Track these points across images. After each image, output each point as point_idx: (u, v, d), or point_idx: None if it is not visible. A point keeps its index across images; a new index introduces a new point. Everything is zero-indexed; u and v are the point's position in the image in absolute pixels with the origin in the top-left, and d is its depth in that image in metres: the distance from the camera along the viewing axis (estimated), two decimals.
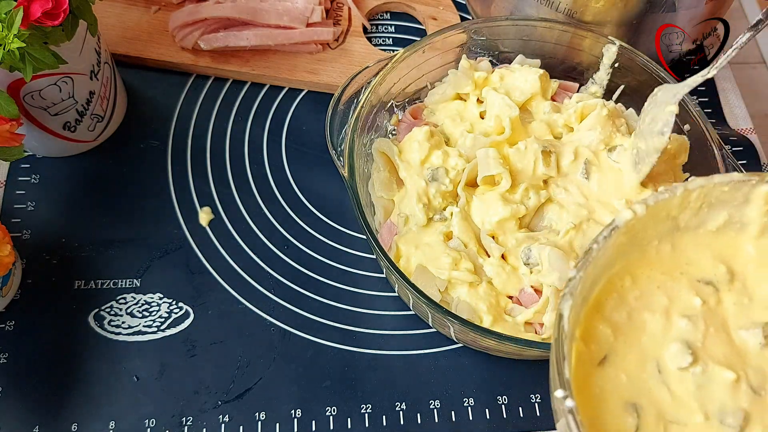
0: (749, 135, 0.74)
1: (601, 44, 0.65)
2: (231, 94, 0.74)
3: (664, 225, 0.43)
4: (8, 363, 0.59)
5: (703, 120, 0.61)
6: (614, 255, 0.41)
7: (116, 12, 0.76)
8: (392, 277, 0.56)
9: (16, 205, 0.66)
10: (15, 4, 0.51)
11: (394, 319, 0.62)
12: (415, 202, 0.59)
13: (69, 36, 0.57)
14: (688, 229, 0.44)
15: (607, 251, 0.40)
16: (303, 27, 0.74)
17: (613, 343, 0.40)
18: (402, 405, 0.59)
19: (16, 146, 0.56)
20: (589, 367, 0.39)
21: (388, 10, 0.81)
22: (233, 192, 0.68)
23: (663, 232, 0.43)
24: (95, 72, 0.64)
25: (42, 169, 0.68)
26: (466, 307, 0.55)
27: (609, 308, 0.41)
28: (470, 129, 0.63)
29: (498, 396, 0.59)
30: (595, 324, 0.40)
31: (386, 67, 0.62)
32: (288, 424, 0.58)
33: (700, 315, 0.41)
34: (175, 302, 0.62)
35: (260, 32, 0.73)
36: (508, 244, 0.58)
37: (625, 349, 0.40)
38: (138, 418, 0.57)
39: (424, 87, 0.68)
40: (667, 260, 0.43)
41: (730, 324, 0.41)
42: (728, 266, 0.43)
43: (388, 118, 0.66)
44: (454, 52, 0.67)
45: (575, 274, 0.38)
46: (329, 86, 0.73)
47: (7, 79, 0.57)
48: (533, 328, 0.56)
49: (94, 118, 0.67)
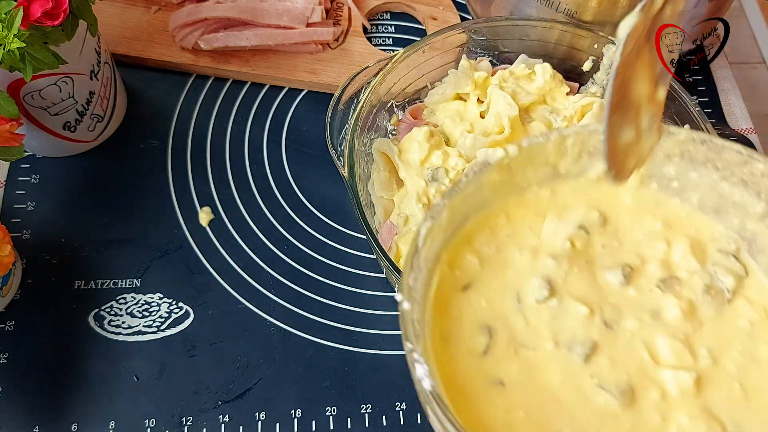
0: (749, 135, 0.74)
1: (601, 44, 0.65)
2: (231, 94, 0.74)
3: (544, 170, 0.45)
4: (8, 363, 0.59)
5: (703, 120, 0.61)
6: (489, 193, 0.44)
7: (116, 12, 0.76)
8: (392, 277, 0.56)
9: (16, 205, 0.66)
10: (15, 4, 0.51)
11: (394, 319, 0.62)
12: (415, 202, 0.59)
13: (69, 36, 0.57)
14: (569, 176, 0.46)
15: (480, 188, 0.43)
16: (303, 27, 0.74)
17: (480, 272, 0.42)
18: (402, 405, 0.59)
19: (16, 146, 0.56)
20: (453, 290, 0.42)
21: (388, 10, 0.81)
22: (233, 192, 0.68)
23: (543, 177, 0.45)
24: (95, 72, 0.64)
25: (42, 169, 0.68)
26: None
27: (479, 241, 0.43)
28: (470, 129, 0.63)
29: None
30: (463, 253, 0.43)
31: (386, 67, 0.62)
32: (288, 424, 0.58)
33: (566, 255, 0.43)
34: (175, 302, 0.62)
35: (260, 32, 0.73)
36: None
37: (490, 278, 0.42)
38: (138, 418, 0.57)
39: (424, 87, 0.68)
40: (545, 204, 0.45)
41: (596, 264, 0.43)
42: (602, 213, 0.45)
43: (388, 118, 0.66)
44: (454, 52, 0.67)
45: (440, 200, 0.40)
46: (329, 86, 0.74)
47: (7, 79, 0.57)
48: None
49: (94, 118, 0.67)
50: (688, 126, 0.62)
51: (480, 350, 0.40)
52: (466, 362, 0.39)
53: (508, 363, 0.39)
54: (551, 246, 0.43)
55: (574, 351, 0.40)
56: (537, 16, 0.68)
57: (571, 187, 0.46)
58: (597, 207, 0.45)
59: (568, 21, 0.67)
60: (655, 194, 0.46)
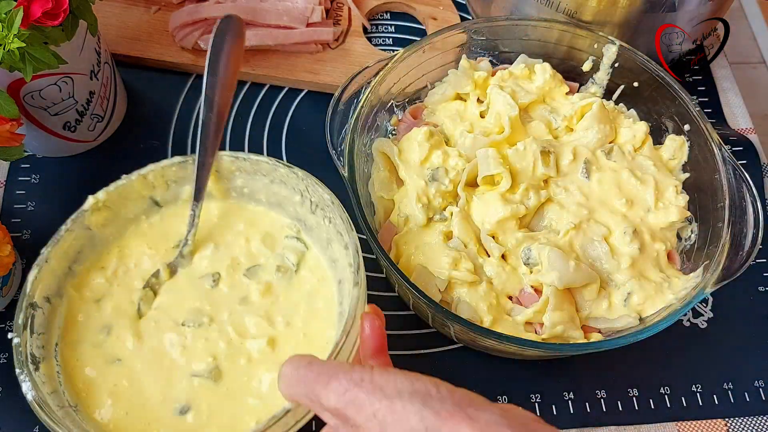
0: (749, 135, 0.74)
1: (601, 44, 0.65)
2: None
3: (143, 203, 0.57)
4: (8, 363, 0.59)
5: (703, 120, 0.61)
6: (103, 230, 0.55)
7: (116, 12, 0.76)
8: (392, 277, 0.56)
9: (16, 205, 0.66)
10: (15, 4, 0.51)
11: (395, 319, 0.62)
12: (414, 202, 0.59)
13: (69, 36, 0.57)
14: (167, 202, 0.58)
15: (88, 228, 0.54)
16: (303, 27, 0.74)
17: (108, 288, 0.55)
18: None
19: (16, 146, 0.56)
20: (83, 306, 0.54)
21: (388, 10, 0.81)
22: None
23: (146, 207, 0.57)
24: (95, 72, 0.64)
25: (42, 169, 0.68)
26: (466, 307, 0.55)
27: (110, 266, 0.56)
28: (470, 129, 0.63)
29: (498, 396, 0.59)
30: (93, 277, 0.55)
31: (386, 67, 0.62)
32: None
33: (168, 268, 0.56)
34: None
35: (260, 32, 0.73)
36: (508, 244, 0.58)
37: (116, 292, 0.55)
38: None
39: (424, 87, 0.68)
40: (157, 228, 0.58)
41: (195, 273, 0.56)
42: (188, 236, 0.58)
43: (388, 118, 0.66)
44: (454, 52, 0.67)
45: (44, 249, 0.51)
46: (329, 86, 0.73)
47: (7, 79, 0.57)
48: (533, 328, 0.56)
49: (94, 118, 0.67)
50: (688, 126, 0.62)
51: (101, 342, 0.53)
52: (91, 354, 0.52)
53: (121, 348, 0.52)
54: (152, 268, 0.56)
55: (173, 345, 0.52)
56: (537, 16, 0.68)
57: (173, 211, 0.58)
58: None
59: (568, 21, 0.67)
60: (237, 202, 0.59)
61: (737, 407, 0.60)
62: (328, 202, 0.52)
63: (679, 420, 0.59)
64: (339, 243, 0.53)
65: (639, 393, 0.60)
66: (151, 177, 0.56)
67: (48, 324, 0.51)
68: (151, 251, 0.57)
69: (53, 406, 0.46)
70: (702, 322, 0.64)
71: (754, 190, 0.56)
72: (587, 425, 0.59)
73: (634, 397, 0.60)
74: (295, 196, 0.56)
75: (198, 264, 0.56)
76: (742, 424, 0.59)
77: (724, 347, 0.62)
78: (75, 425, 0.46)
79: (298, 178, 0.54)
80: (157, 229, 0.58)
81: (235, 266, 0.56)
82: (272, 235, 0.58)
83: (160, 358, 0.52)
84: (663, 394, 0.60)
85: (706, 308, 0.64)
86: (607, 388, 0.60)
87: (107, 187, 0.54)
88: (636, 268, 0.57)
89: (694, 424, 0.59)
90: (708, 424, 0.59)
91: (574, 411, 0.59)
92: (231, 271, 0.56)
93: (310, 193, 0.55)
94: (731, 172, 0.58)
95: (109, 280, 0.55)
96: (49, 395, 0.47)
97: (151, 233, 0.58)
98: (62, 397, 0.49)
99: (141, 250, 0.57)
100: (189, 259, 0.56)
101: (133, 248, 0.57)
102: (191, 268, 0.56)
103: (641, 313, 0.56)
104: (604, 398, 0.60)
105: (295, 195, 0.56)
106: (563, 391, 0.60)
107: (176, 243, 0.57)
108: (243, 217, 0.58)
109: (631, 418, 0.59)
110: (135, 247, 0.57)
